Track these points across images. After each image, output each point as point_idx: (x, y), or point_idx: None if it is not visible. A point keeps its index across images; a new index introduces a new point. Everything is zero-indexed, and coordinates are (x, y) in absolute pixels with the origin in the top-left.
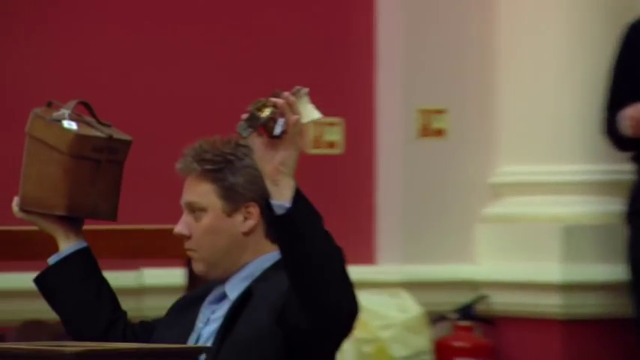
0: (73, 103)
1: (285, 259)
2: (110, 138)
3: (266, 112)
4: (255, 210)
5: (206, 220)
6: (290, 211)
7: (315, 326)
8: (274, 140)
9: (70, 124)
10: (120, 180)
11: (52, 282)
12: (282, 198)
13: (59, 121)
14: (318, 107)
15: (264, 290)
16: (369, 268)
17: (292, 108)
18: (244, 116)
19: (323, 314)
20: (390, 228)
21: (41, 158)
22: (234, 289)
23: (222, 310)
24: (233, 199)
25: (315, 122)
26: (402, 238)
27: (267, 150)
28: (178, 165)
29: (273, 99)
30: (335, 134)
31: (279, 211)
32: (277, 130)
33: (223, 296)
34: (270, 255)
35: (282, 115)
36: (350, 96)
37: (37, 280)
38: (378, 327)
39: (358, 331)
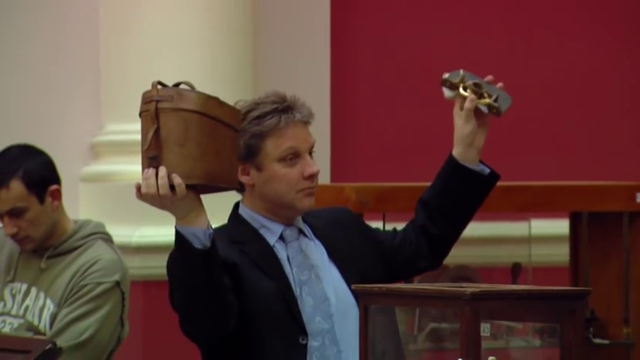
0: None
1: (470, 209)
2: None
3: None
4: None
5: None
6: (495, 173)
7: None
8: (484, 116)
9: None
10: None
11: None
12: (477, 162)
13: (215, 98)
14: None
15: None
16: None
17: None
18: (487, 100)
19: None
20: None
21: (216, 135)
22: (304, 226)
23: (306, 242)
24: None
25: None
26: None
27: (478, 124)
28: (300, 115)
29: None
30: None
31: (485, 172)
32: (503, 108)
33: (299, 232)
34: None
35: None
36: None
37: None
38: None
39: None
